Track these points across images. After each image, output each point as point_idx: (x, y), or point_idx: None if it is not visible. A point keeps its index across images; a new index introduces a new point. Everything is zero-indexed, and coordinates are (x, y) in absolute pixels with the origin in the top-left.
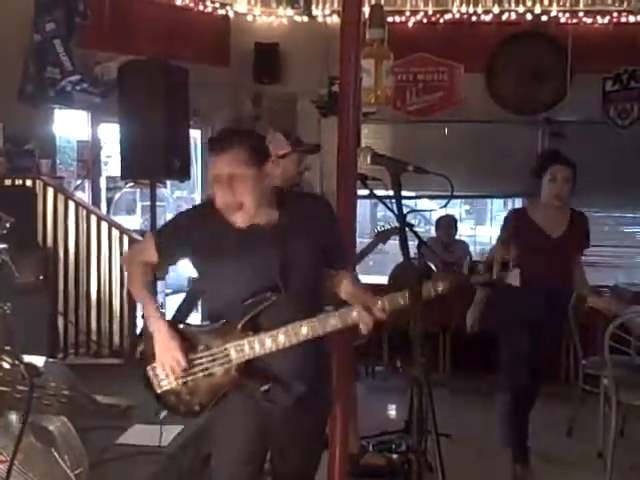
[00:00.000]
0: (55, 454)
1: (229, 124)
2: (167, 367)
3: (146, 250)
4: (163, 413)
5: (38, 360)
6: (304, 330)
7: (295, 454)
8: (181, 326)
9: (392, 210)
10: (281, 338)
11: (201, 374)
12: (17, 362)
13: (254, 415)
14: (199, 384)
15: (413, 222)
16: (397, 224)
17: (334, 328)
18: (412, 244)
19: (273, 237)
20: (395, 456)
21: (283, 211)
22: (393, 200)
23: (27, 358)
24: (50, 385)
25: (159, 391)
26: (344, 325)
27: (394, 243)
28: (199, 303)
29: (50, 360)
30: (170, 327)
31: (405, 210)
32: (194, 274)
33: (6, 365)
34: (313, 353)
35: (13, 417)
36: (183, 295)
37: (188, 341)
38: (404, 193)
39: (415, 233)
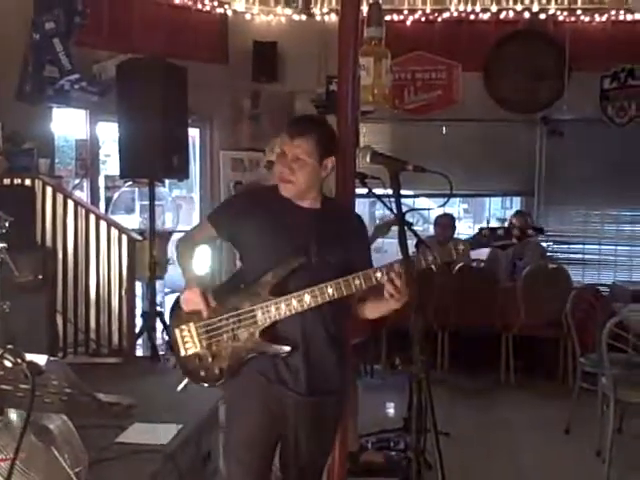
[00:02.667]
0: (55, 453)
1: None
2: (189, 302)
3: (203, 232)
4: (183, 384)
5: (40, 358)
6: (329, 290)
7: (306, 439)
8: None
9: (390, 209)
10: (307, 298)
11: (226, 336)
12: (19, 360)
13: (268, 401)
14: (223, 348)
15: (411, 221)
16: (390, 219)
17: (358, 287)
18: (410, 242)
19: (313, 219)
20: (394, 454)
21: (326, 203)
22: (392, 199)
23: (29, 356)
24: (52, 383)
25: (183, 354)
26: (368, 284)
27: (392, 242)
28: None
29: (52, 358)
30: (201, 285)
31: (404, 209)
32: (208, 270)
33: (8, 364)
34: (331, 345)
35: (14, 416)
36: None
37: (218, 302)
38: (403, 192)
39: (414, 232)
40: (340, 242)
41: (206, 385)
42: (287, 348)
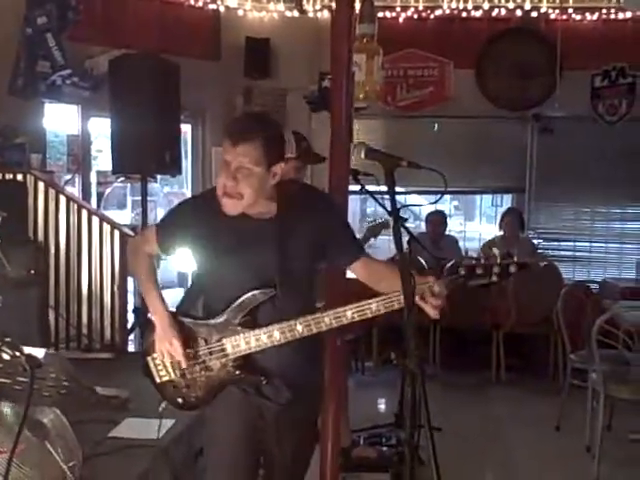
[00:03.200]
0: (49, 447)
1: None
2: (165, 354)
3: (149, 241)
4: (163, 405)
5: (38, 352)
6: (299, 328)
7: (289, 447)
8: (182, 319)
9: (383, 206)
10: (276, 335)
11: (198, 367)
12: (18, 353)
13: (249, 410)
14: (197, 377)
15: (406, 218)
16: (387, 218)
17: (328, 327)
18: (403, 239)
19: (271, 231)
20: (385, 449)
21: (282, 205)
22: (386, 195)
23: (27, 350)
24: (50, 376)
25: (158, 381)
26: (338, 323)
27: (384, 238)
28: (201, 296)
29: (50, 352)
30: (171, 317)
31: (402, 206)
32: (193, 267)
33: (6, 356)
34: (305, 346)
35: (7, 409)
36: (172, 290)
37: (188, 334)
38: (395, 189)
39: (406, 228)
40: (307, 243)
41: (184, 410)
42: (262, 379)
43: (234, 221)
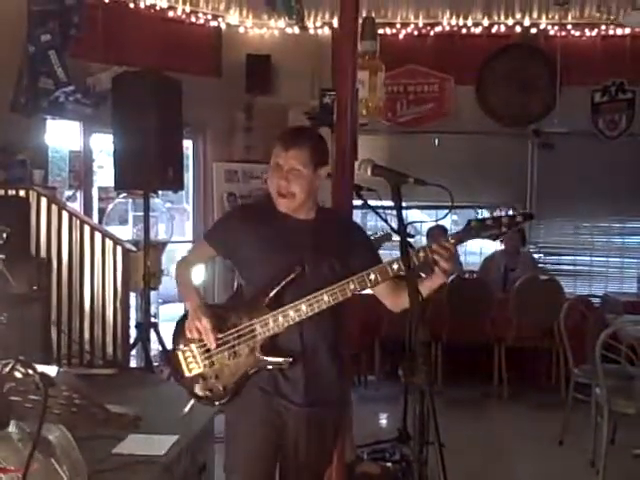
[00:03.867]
0: (55, 464)
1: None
2: (194, 332)
3: (201, 252)
4: (189, 405)
5: (51, 369)
6: (325, 297)
7: (307, 453)
8: (212, 305)
9: (386, 221)
10: (303, 307)
11: (227, 353)
12: (31, 372)
13: (268, 414)
14: (224, 366)
15: (413, 234)
16: (389, 232)
17: (353, 291)
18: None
19: (308, 231)
20: (389, 465)
21: (320, 212)
22: (392, 211)
23: (40, 368)
24: (62, 394)
25: (188, 374)
26: (362, 287)
27: (385, 252)
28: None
29: (62, 370)
30: (202, 302)
31: (408, 222)
32: (201, 280)
33: (18, 375)
34: (331, 356)
35: (12, 427)
36: (173, 306)
37: (218, 319)
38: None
39: (409, 244)
40: (337, 251)
41: (213, 404)
42: (289, 359)
43: (280, 222)
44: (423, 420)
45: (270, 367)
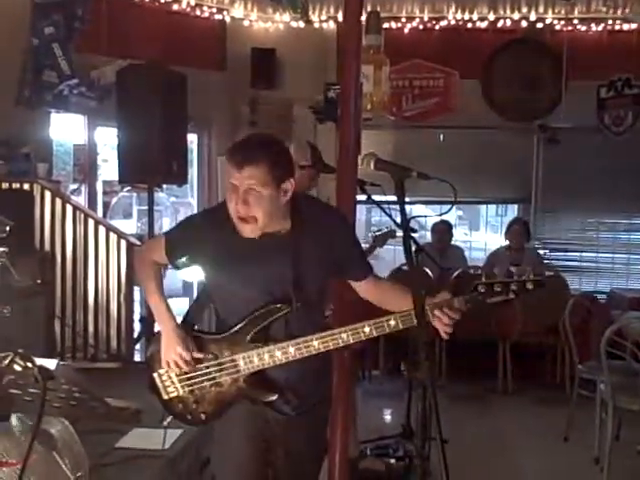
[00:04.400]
0: (57, 457)
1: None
2: (171, 363)
3: (157, 251)
4: (168, 419)
5: (50, 363)
6: (315, 344)
7: (297, 457)
8: (191, 332)
9: (390, 216)
10: (291, 350)
11: (208, 383)
12: (30, 365)
13: (257, 420)
14: (206, 393)
15: (415, 229)
16: (393, 228)
17: (345, 343)
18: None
19: (285, 246)
20: (393, 461)
21: (296, 219)
22: (395, 206)
23: (39, 361)
24: (62, 387)
25: (166, 397)
26: (355, 339)
27: (389, 248)
28: (209, 307)
29: (62, 363)
30: (177, 325)
31: (411, 217)
32: (197, 278)
33: (17, 368)
34: (315, 359)
35: (14, 420)
36: (177, 299)
37: (196, 348)
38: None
39: (413, 239)
40: (320, 257)
41: (192, 425)
42: (274, 396)
43: (247, 237)
44: (425, 415)
45: (261, 400)
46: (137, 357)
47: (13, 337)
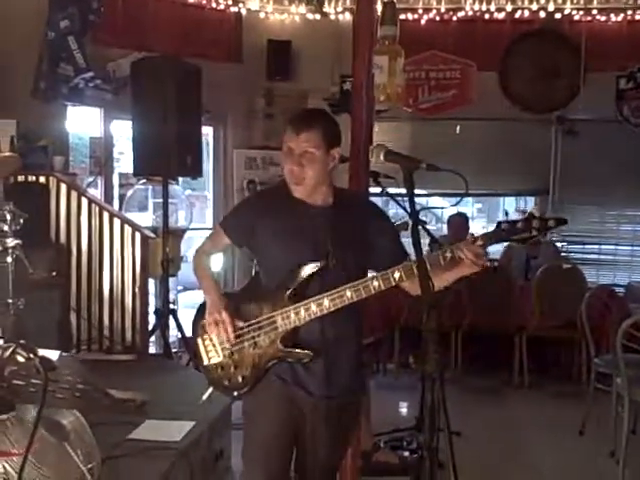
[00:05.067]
0: (68, 448)
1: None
2: (213, 325)
3: (215, 238)
4: (207, 393)
5: (52, 354)
6: (348, 293)
7: (324, 443)
8: (231, 295)
9: (404, 207)
10: (326, 302)
11: (247, 344)
12: (31, 355)
13: (285, 403)
14: (244, 356)
15: (424, 220)
16: (407, 220)
17: (377, 289)
18: (424, 242)
19: (328, 218)
20: (407, 454)
21: (338, 195)
22: (405, 198)
23: (42, 352)
24: (65, 379)
25: (206, 363)
26: (387, 285)
27: (405, 240)
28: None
29: (65, 354)
30: (221, 294)
31: (417, 208)
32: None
33: (21, 359)
34: (351, 346)
35: (27, 411)
36: (193, 293)
37: (238, 310)
38: (416, 191)
39: (427, 230)
40: (358, 236)
41: (231, 394)
42: (309, 353)
43: (298, 208)
44: (434, 408)
45: (290, 360)
46: (152, 349)
47: (29, 330)
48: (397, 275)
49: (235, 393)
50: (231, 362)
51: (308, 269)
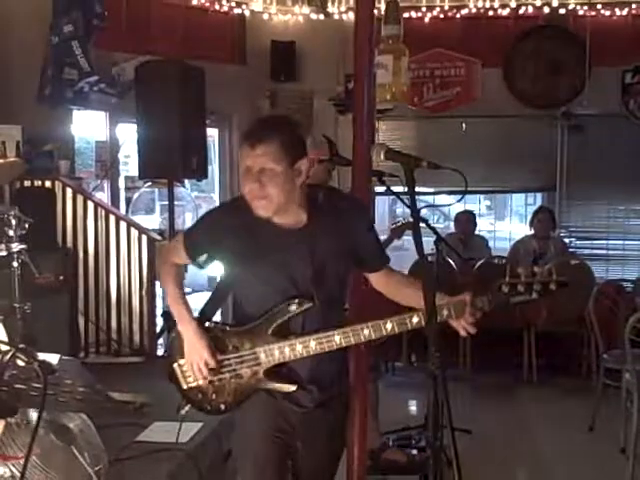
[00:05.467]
0: (75, 451)
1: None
2: (194, 366)
3: (178, 250)
4: (185, 408)
5: (52, 358)
6: (337, 339)
7: (318, 451)
8: (210, 325)
9: (409, 206)
10: (312, 345)
11: (228, 375)
12: (31, 359)
13: (275, 413)
14: (226, 384)
15: (432, 218)
16: (409, 220)
17: (367, 339)
18: (430, 240)
19: (303, 240)
20: (415, 452)
21: (313, 211)
22: (417, 197)
23: (41, 356)
24: (65, 382)
25: (185, 387)
26: (377, 335)
27: (409, 239)
28: (225, 301)
29: (65, 358)
30: (199, 327)
31: (422, 205)
32: (219, 273)
33: (21, 363)
34: (336, 355)
35: (34, 415)
36: (202, 294)
37: (217, 341)
38: (423, 189)
39: (432, 228)
40: (337, 253)
41: (210, 414)
42: (293, 387)
43: (266, 230)
44: (437, 406)
45: (280, 391)
46: (160, 351)
47: (36, 334)
48: (389, 326)
49: (217, 415)
50: (211, 388)
51: (294, 307)
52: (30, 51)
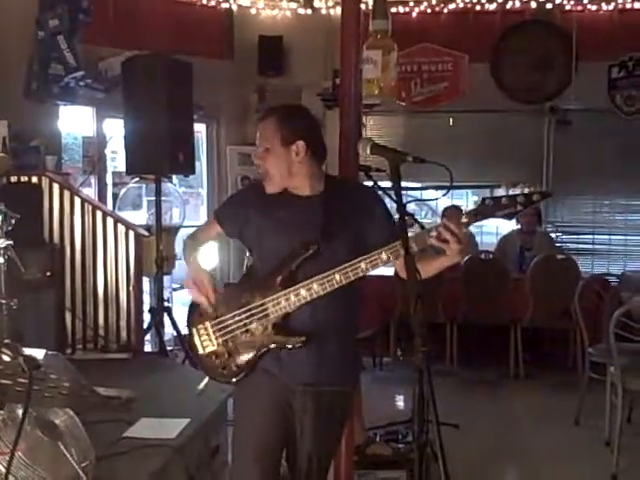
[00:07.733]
0: (62, 447)
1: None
2: (191, 283)
3: (208, 227)
4: (203, 383)
5: (38, 353)
6: (337, 277)
7: (315, 434)
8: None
9: (396, 201)
10: (315, 287)
11: (240, 332)
12: (16, 354)
13: (275, 395)
14: (238, 344)
15: (420, 213)
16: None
17: (364, 271)
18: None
19: (317, 204)
20: (401, 446)
21: (329, 184)
22: (405, 192)
23: (27, 351)
24: (51, 377)
25: (202, 352)
26: (374, 266)
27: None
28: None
29: (50, 353)
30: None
31: (409, 200)
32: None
33: (6, 358)
34: (342, 336)
35: (20, 411)
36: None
37: (229, 300)
38: (411, 184)
39: (418, 222)
40: (350, 222)
41: (226, 381)
42: (302, 338)
43: (283, 198)
44: (422, 401)
45: (289, 345)
46: (147, 348)
47: (23, 330)
48: (384, 256)
49: (232, 380)
50: (225, 350)
51: (298, 253)
52: (16, 46)
